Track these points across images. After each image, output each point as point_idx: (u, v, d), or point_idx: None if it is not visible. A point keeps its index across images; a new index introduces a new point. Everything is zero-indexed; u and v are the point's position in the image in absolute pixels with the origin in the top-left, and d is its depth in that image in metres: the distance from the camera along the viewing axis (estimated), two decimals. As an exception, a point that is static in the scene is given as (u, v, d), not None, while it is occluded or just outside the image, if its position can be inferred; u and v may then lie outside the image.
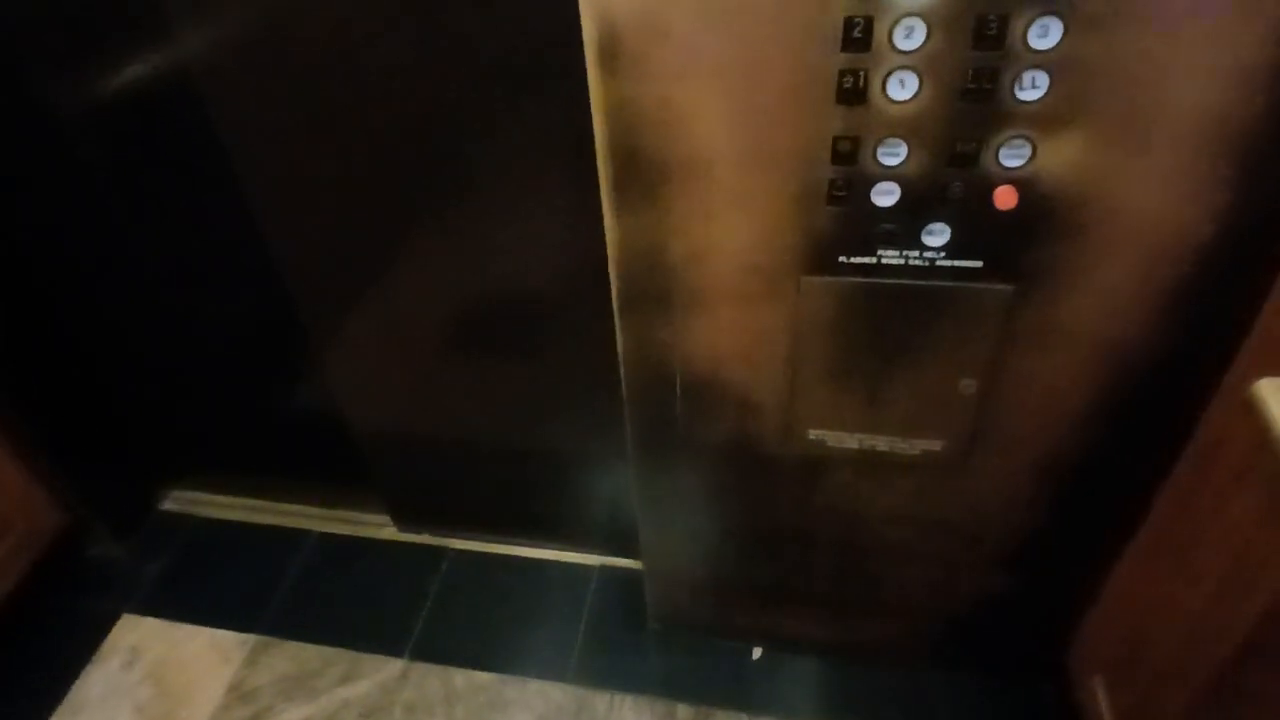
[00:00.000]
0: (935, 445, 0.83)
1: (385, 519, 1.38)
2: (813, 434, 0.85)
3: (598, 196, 0.71)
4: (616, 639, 1.19)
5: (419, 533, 1.37)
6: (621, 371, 0.86)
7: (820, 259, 0.70)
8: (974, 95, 0.58)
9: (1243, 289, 0.65)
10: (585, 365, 1.04)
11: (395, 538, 1.37)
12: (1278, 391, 0.61)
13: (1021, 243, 0.65)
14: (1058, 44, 0.55)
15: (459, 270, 0.99)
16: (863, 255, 0.69)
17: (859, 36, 0.56)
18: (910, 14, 0.55)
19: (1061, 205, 0.62)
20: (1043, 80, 0.56)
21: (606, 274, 0.77)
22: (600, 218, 0.72)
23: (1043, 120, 0.58)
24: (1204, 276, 0.64)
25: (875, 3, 0.55)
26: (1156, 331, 0.69)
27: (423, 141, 0.88)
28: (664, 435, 0.91)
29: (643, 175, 0.68)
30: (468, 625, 1.23)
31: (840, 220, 0.67)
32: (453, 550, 1.34)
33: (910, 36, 0.56)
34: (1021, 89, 0.57)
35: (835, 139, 0.62)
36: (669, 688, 1.13)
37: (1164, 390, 0.73)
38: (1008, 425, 0.79)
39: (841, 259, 0.69)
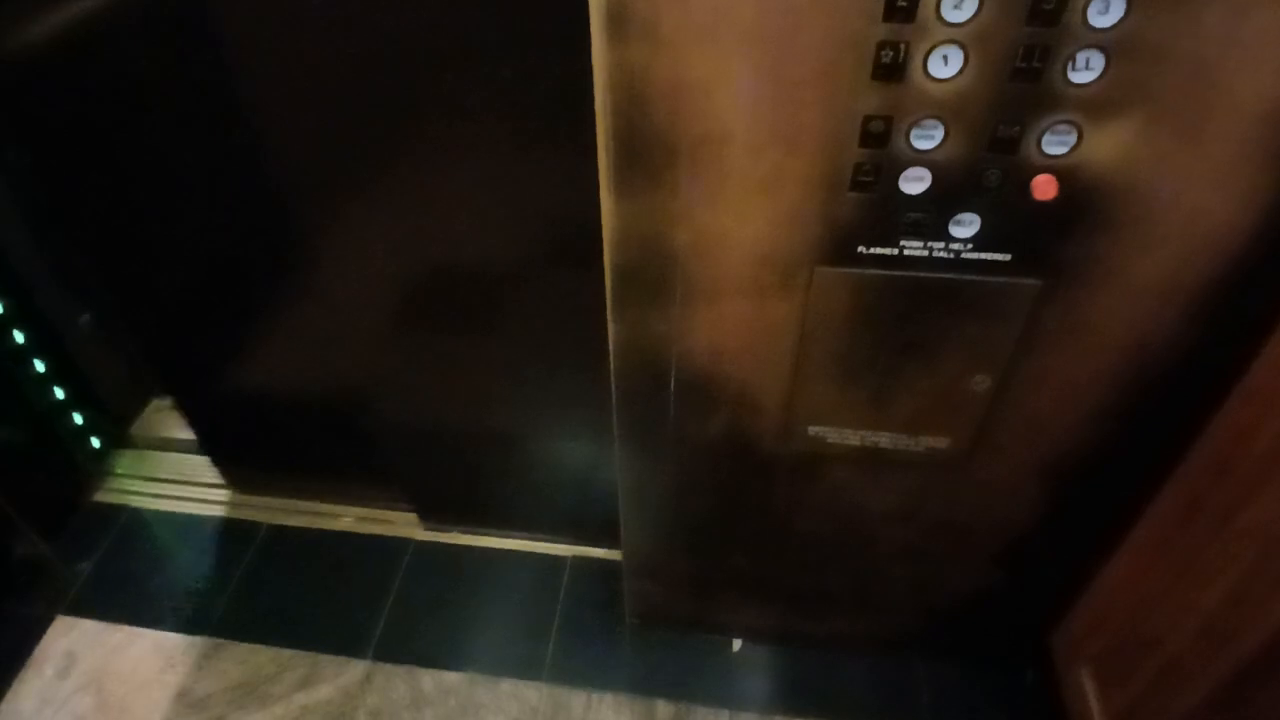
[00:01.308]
0: (941, 443, 0.79)
1: (344, 508, 1.31)
2: (813, 430, 0.81)
3: (591, 170, 0.64)
4: (592, 635, 1.15)
5: (381, 522, 1.30)
6: (611, 362, 0.80)
7: (838, 249, 0.65)
8: (1023, 75, 0.53)
9: (1272, 290, 0.62)
10: (565, 349, 0.97)
11: (354, 529, 1.29)
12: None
13: (1055, 236, 0.61)
14: (1118, 22, 0.50)
15: (419, 240, 0.91)
16: (884, 246, 0.64)
17: (904, 5, 0.51)
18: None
19: (1102, 197, 0.58)
20: (1098, 61, 0.52)
21: (597, 252, 0.70)
22: (594, 194, 0.66)
23: (1093, 105, 0.54)
24: (1237, 276, 0.61)
25: (926, -34, 0.49)
26: (1181, 331, 0.66)
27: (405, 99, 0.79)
28: (653, 428, 0.85)
29: (649, 154, 0.61)
30: (434, 622, 1.16)
31: (863, 207, 0.62)
32: (416, 542, 1.27)
33: (960, 8, 0.50)
34: (1075, 70, 0.52)
35: (867, 118, 0.56)
36: (647, 684, 1.09)
37: (1180, 389, 0.70)
38: (1017, 422, 0.76)
39: (861, 249, 0.64)
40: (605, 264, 0.70)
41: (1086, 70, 0.52)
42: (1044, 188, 0.58)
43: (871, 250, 0.64)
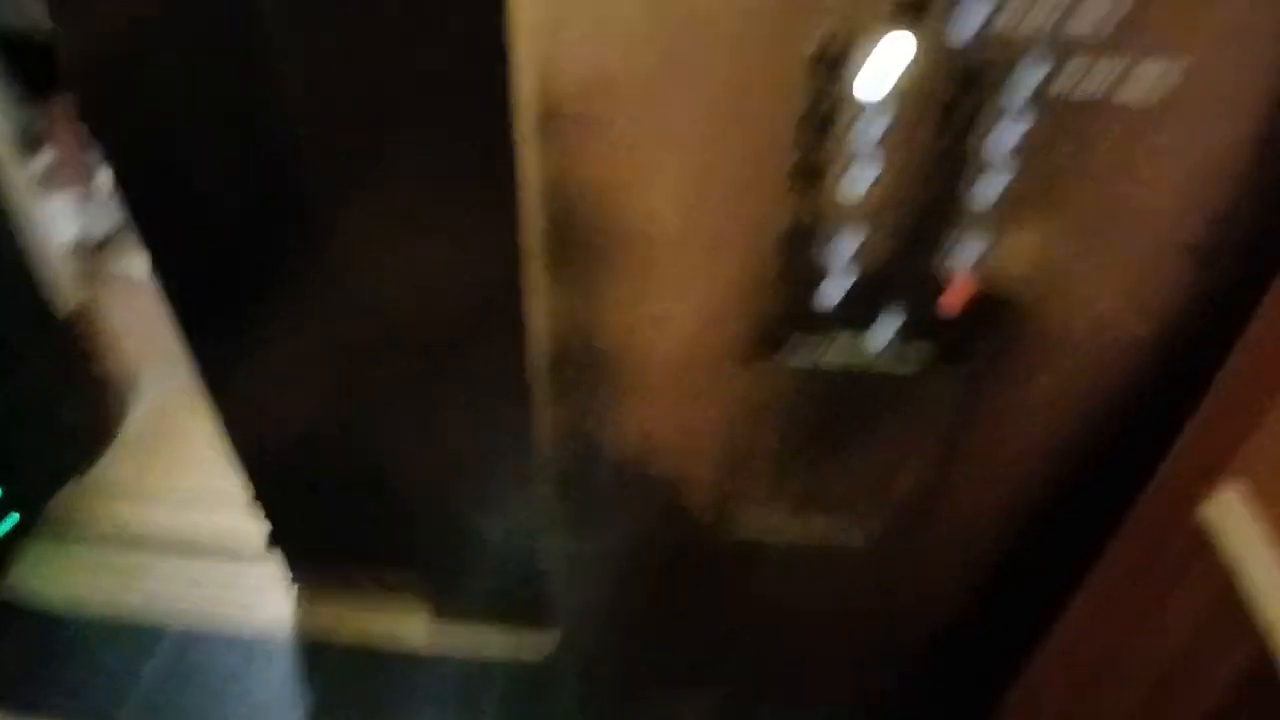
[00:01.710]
0: (871, 530, 0.79)
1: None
2: (746, 518, 0.80)
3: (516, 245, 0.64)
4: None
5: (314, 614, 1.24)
6: (538, 450, 0.79)
7: (765, 344, 0.65)
8: (934, 186, 0.55)
9: (1190, 390, 0.64)
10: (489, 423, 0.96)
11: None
12: (1222, 511, 0.60)
13: (972, 334, 0.63)
14: (1024, 137, 0.52)
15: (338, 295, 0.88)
16: (809, 342, 0.65)
17: (821, 122, 0.52)
18: (874, 101, 0.51)
19: (1015, 299, 0.60)
20: (1004, 177, 0.54)
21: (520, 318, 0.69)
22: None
23: (1002, 215, 0.56)
24: (1152, 377, 0.63)
25: (839, 89, 0.51)
26: (1100, 424, 0.68)
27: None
28: (584, 512, 0.84)
29: (577, 251, 0.62)
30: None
31: (788, 305, 0.63)
32: (341, 644, 1.20)
33: (873, 124, 0.52)
34: (983, 182, 0.54)
35: (788, 223, 0.58)
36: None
37: (1104, 479, 0.72)
38: (944, 510, 0.77)
39: (787, 345, 0.65)
40: (532, 351, 0.70)
41: (995, 182, 0.54)
42: (959, 291, 0.59)
43: (798, 346, 0.65)
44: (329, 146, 0.78)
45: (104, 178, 1.50)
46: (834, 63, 0.51)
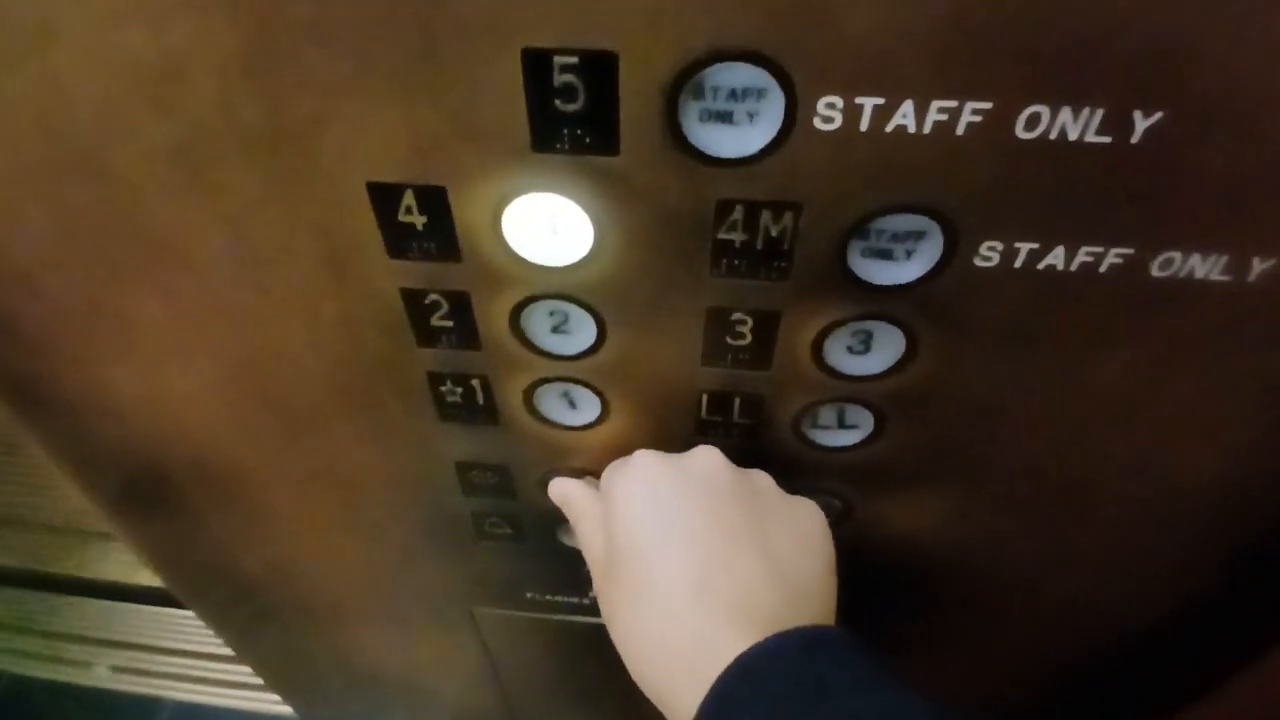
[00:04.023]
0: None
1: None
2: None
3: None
4: None
5: None
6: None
7: (499, 593, 0.59)
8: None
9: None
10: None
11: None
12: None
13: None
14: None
15: None
16: (558, 593, 0.59)
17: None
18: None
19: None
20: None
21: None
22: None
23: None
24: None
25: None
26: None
27: None
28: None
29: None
30: None
31: (514, 557, 0.55)
32: None
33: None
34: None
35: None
36: None
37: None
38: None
39: (530, 595, 0.59)
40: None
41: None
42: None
43: (546, 597, 0.59)
44: None
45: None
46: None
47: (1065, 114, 0.28)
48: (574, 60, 0.28)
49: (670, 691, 0.33)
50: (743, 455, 0.40)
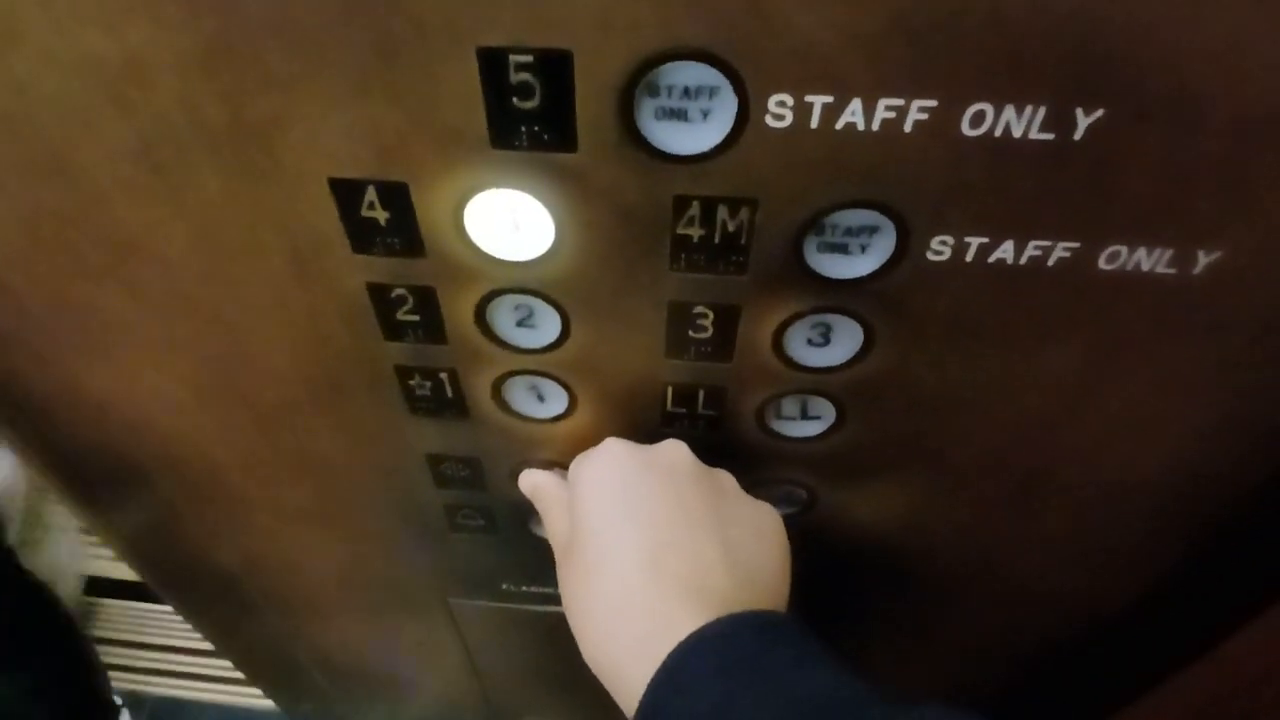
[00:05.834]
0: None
1: None
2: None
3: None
4: None
5: None
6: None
7: (474, 585, 0.59)
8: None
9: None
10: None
11: None
12: None
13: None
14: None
15: None
16: (533, 584, 0.59)
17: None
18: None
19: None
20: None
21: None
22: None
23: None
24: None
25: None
26: None
27: None
28: None
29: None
30: None
31: (487, 549, 0.56)
32: None
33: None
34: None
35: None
36: None
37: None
38: None
39: (506, 586, 0.59)
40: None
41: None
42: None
43: (521, 588, 0.60)
44: None
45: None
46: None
47: (1009, 112, 0.28)
48: (529, 59, 0.28)
49: (622, 668, 0.33)
50: (708, 447, 0.41)
